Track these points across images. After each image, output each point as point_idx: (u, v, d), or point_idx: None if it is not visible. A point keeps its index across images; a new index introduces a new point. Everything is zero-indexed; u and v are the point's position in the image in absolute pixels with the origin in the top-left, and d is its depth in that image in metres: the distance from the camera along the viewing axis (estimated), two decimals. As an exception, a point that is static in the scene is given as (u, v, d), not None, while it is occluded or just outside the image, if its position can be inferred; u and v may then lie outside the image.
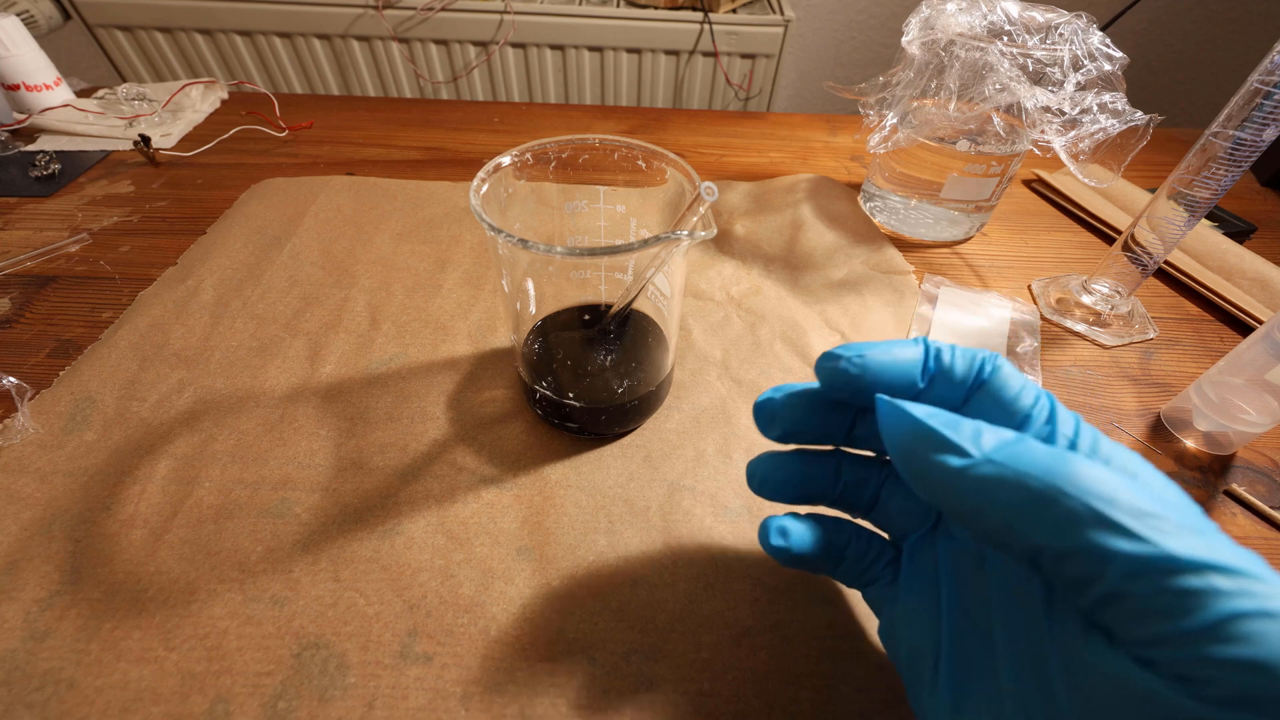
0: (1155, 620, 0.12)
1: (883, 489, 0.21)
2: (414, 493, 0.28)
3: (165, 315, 0.36)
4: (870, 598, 0.22)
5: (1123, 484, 0.13)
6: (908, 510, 0.21)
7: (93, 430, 0.29)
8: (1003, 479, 0.14)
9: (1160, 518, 0.13)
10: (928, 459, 0.15)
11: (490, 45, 1.00)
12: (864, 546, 0.21)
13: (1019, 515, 0.14)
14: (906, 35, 0.39)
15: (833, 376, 0.18)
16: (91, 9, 0.95)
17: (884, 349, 0.18)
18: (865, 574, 0.21)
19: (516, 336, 0.29)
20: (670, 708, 0.21)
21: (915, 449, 0.16)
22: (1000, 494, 0.14)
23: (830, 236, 0.44)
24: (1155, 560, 0.12)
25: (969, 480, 0.14)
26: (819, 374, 0.19)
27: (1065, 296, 0.40)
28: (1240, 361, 0.29)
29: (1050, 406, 0.17)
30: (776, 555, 0.21)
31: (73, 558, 0.25)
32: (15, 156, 0.50)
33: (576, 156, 0.27)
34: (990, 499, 0.14)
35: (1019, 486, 0.14)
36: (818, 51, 1.27)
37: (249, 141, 0.55)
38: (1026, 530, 0.14)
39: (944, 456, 0.15)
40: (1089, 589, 0.13)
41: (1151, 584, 0.12)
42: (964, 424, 0.15)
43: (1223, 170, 0.30)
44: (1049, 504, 0.13)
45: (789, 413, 0.20)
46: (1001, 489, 0.14)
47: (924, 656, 0.19)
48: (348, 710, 0.21)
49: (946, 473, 0.15)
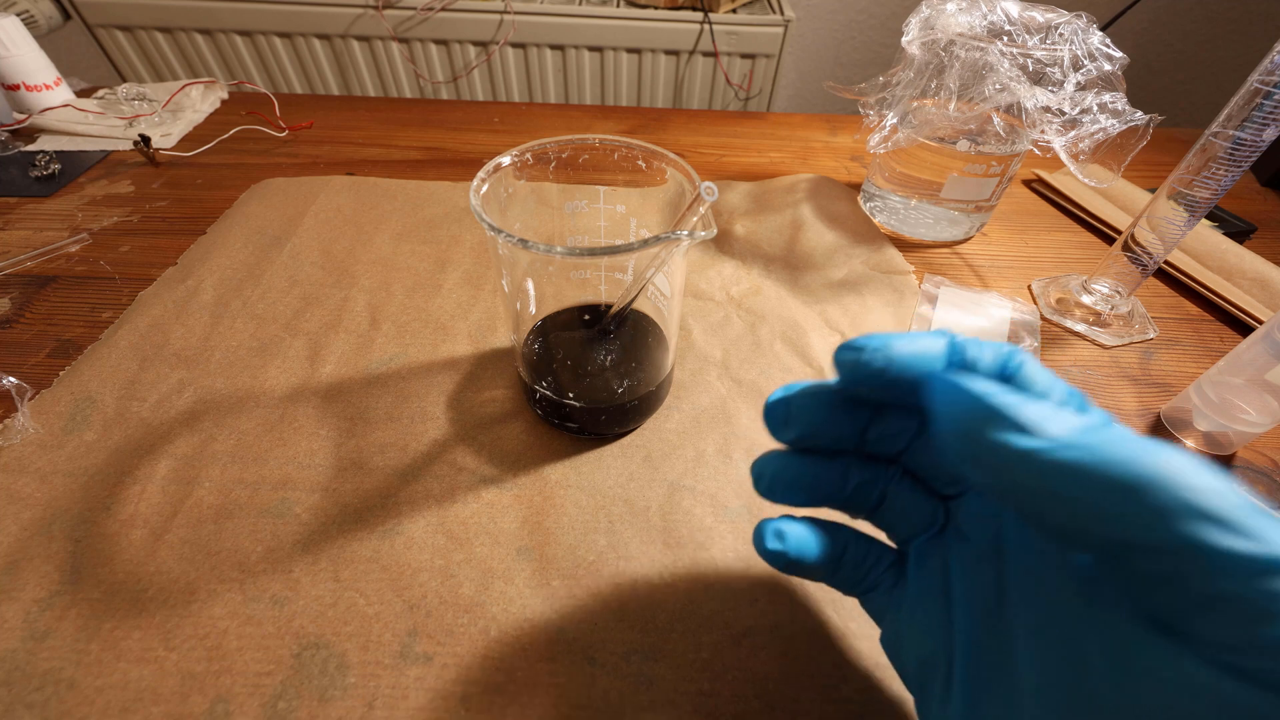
0: (1257, 623, 0.11)
1: (889, 490, 0.20)
2: (414, 493, 0.28)
3: (165, 315, 0.36)
4: (870, 606, 0.21)
5: (1220, 479, 0.12)
6: (915, 511, 0.20)
7: (93, 430, 0.29)
8: (1086, 465, 0.13)
9: (1264, 515, 0.12)
10: (994, 440, 0.14)
11: (490, 45, 1.00)
12: (862, 551, 0.21)
13: (1102, 505, 0.12)
14: (906, 35, 0.39)
15: (854, 370, 0.17)
16: (91, 9, 0.95)
17: (908, 340, 0.17)
18: (864, 580, 0.21)
19: (516, 336, 0.29)
20: (670, 708, 0.21)
21: (978, 428, 0.14)
22: (1081, 481, 0.13)
23: (830, 236, 0.44)
24: (1265, 559, 0.11)
25: (1044, 464, 0.13)
26: (840, 367, 0.18)
27: (1065, 296, 0.40)
28: (1240, 361, 0.29)
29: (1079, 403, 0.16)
30: (773, 560, 0.20)
31: (73, 558, 0.25)
32: (15, 156, 0.50)
33: (576, 156, 0.27)
34: (1069, 486, 0.13)
35: (1104, 474, 0.12)
36: (818, 51, 1.27)
37: (249, 141, 0.55)
38: (1110, 522, 0.12)
39: (1013, 437, 0.14)
40: (1176, 588, 0.12)
41: (1258, 585, 0.11)
42: (1032, 403, 0.14)
43: (1223, 170, 0.30)
44: (1141, 494, 0.12)
45: (805, 415, 0.19)
46: (1083, 476, 0.13)
47: (934, 665, 0.18)
48: (348, 710, 0.21)
49: (1015, 455, 0.13)
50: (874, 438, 0.20)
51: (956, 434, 0.15)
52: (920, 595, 0.19)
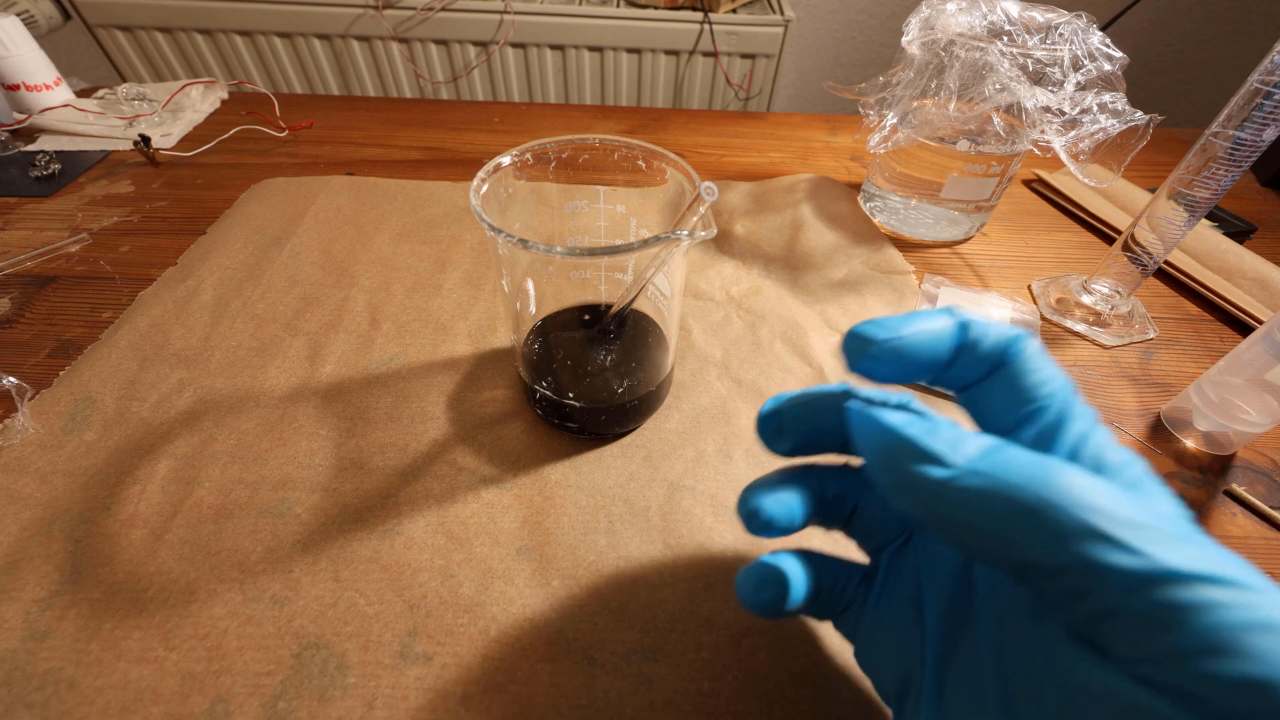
0: (1151, 635, 0.12)
1: (861, 496, 0.20)
2: (414, 493, 0.28)
3: (165, 315, 0.36)
4: (843, 626, 0.21)
5: (1114, 494, 0.13)
6: (885, 519, 0.20)
7: (93, 430, 0.29)
8: (989, 490, 0.13)
9: (1153, 529, 0.12)
10: (907, 470, 0.14)
11: (490, 45, 1.00)
12: (834, 575, 0.20)
13: (1007, 528, 0.13)
14: (906, 35, 0.39)
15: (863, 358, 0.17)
16: (91, 9, 0.95)
17: (915, 322, 0.16)
18: (837, 603, 0.20)
19: (516, 336, 0.29)
20: (670, 708, 0.21)
21: (893, 460, 0.15)
22: (987, 506, 0.13)
23: (830, 236, 0.44)
24: (1150, 574, 0.12)
25: (953, 492, 0.14)
26: (848, 354, 0.17)
27: (1065, 296, 0.40)
28: (1240, 361, 0.29)
29: (1066, 401, 0.16)
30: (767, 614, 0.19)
31: (73, 558, 0.25)
32: (15, 156, 0.50)
33: (576, 156, 0.27)
34: (977, 511, 0.13)
35: (1006, 498, 0.13)
36: (818, 51, 1.27)
37: (249, 141, 0.55)
38: (1016, 544, 0.13)
39: (924, 467, 0.14)
40: (1081, 604, 0.13)
41: (1146, 598, 0.12)
42: (942, 429, 0.15)
43: (1223, 170, 0.30)
44: (1038, 516, 0.13)
45: (797, 424, 0.19)
46: (988, 501, 0.13)
47: (908, 676, 0.18)
48: (348, 710, 0.21)
49: (928, 484, 0.14)
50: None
51: (876, 466, 0.16)
52: (891, 604, 0.19)
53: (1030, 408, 0.16)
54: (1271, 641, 0.11)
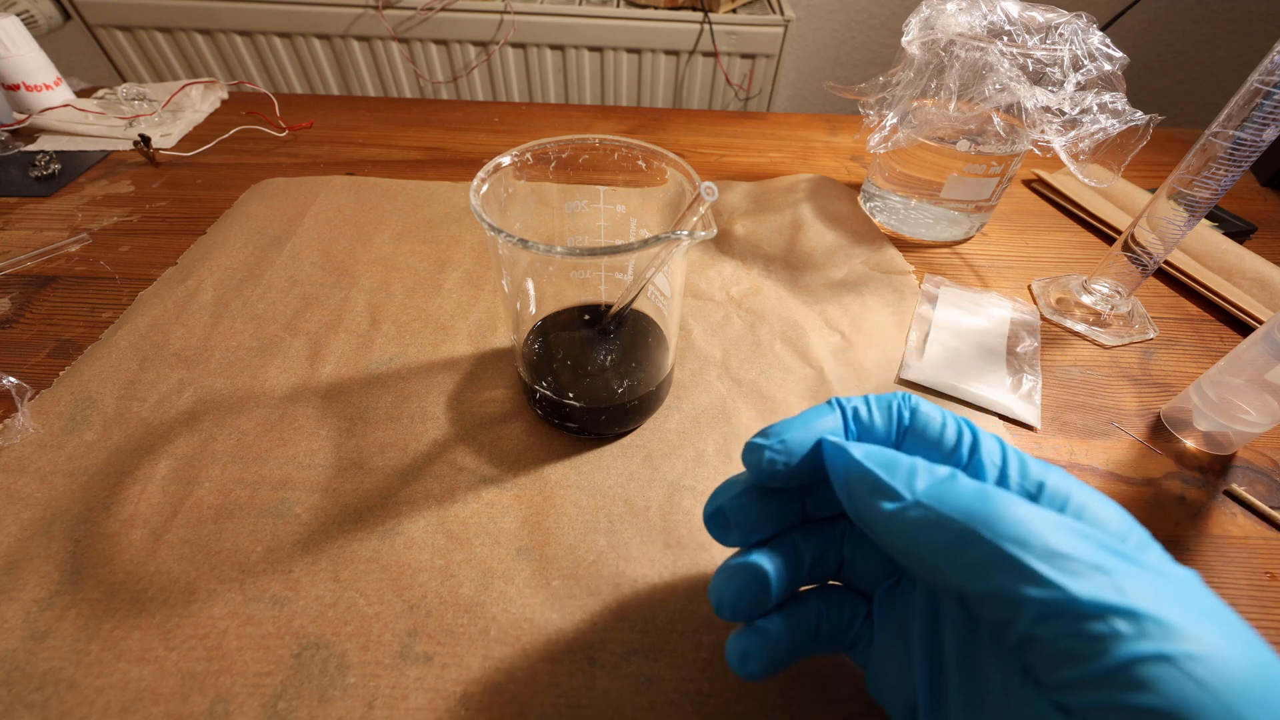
0: (1065, 665, 0.12)
1: (844, 546, 0.20)
2: (414, 493, 0.28)
3: (165, 315, 0.36)
4: (857, 659, 0.21)
5: (1042, 521, 0.13)
6: (873, 563, 0.20)
7: (93, 430, 0.29)
8: (927, 521, 0.14)
9: (1071, 559, 0.12)
10: (866, 502, 0.15)
11: (490, 45, 1.00)
12: (835, 616, 0.20)
13: (942, 558, 0.14)
14: (906, 35, 0.39)
15: (759, 470, 0.18)
16: (91, 9, 0.95)
17: (802, 424, 0.18)
18: (845, 638, 0.20)
19: (516, 336, 0.29)
20: (670, 708, 0.21)
21: (855, 491, 0.16)
22: (926, 537, 0.14)
23: (830, 236, 0.44)
24: (1061, 604, 0.12)
25: (900, 524, 0.14)
26: (749, 468, 0.18)
27: (1065, 296, 0.40)
28: (1240, 361, 0.29)
29: (973, 438, 0.17)
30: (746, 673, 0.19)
31: (73, 558, 0.25)
32: (15, 156, 0.50)
33: (576, 156, 0.27)
34: (918, 542, 0.14)
35: (942, 529, 0.14)
36: (818, 51, 1.27)
37: (249, 141, 0.55)
38: (948, 573, 0.14)
39: (879, 500, 0.15)
40: (1008, 631, 0.13)
41: (1059, 628, 0.12)
42: (900, 464, 0.15)
43: (1223, 170, 0.30)
44: (967, 547, 0.13)
45: (742, 515, 0.19)
46: (927, 531, 0.14)
47: (909, 707, 0.18)
48: (348, 710, 0.21)
49: (882, 516, 0.15)
50: (813, 508, 0.20)
51: (844, 497, 0.16)
52: (886, 642, 0.19)
53: (948, 455, 0.17)
54: (1164, 671, 0.11)
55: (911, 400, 0.18)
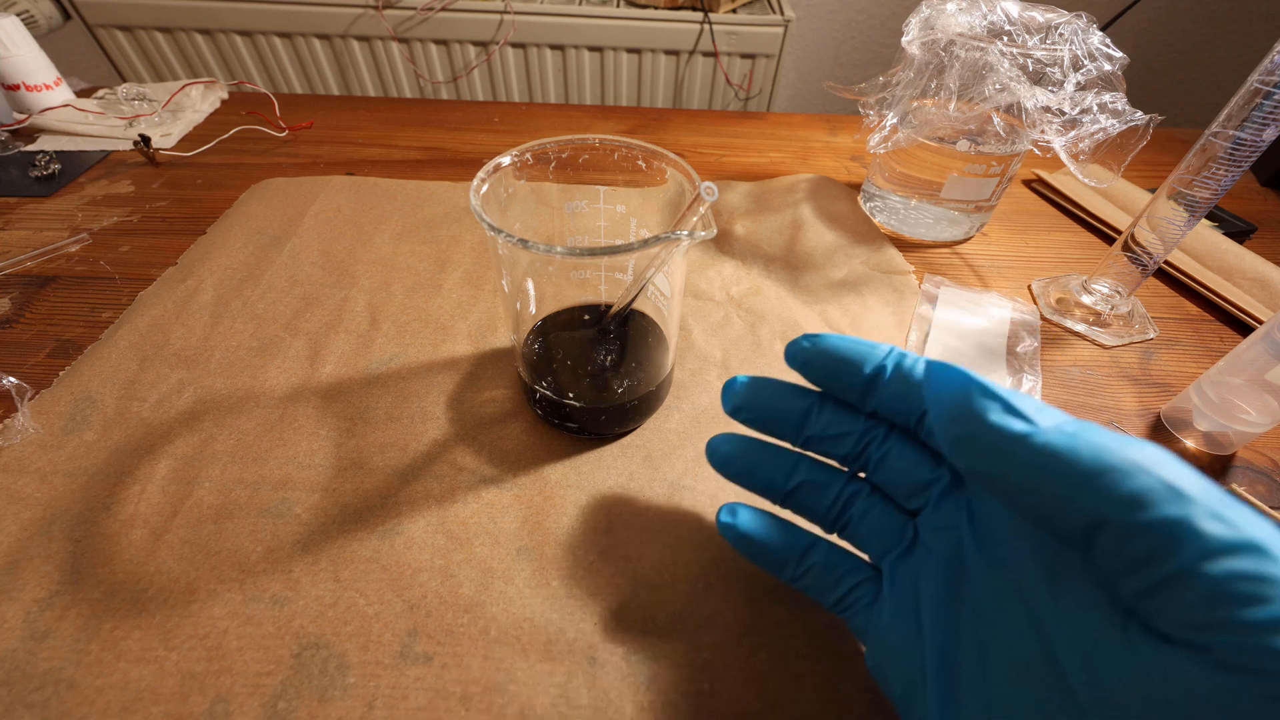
0: (1222, 606, 0.12)
1: (853, 506, 0.21)
2: (414, 493, 0.28)
3: (165, 315, 0.36)
4: (853, 625, 0.21)
5: (1191, 471, 0.13)
6: (884, 527, 0.21)
7: (93, 430, 0.29)
8: (1075, 450, 0.14)
9: (1237, 507, 0.12)
10: (987, 421, 0.15)
11: (490, 45, 1.00)
12: (833, 558, 0.21)
13: (1086, 487, 0.13)
14: (906, 35, 0.39)
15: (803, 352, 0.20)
16: (91, 9, 0.95)
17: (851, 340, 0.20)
18: (836, 589, 0.21)
19: (516, 336, 0.29)
20: (670, 708, 0.21)
21: (973, 410, 0.15)
22: (1068, 464, 0.14)
23: (830, 236, 0.44)
24: (1237, 544, 0.12)
25: (1032, 447, 0.14)
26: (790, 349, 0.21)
27: (1065, 296, 0.40)
28: (1240, 361, 0.29)
29: None
30: (725, 533, 0.23)
31: (73, 558, 0.25)
32: (15, 156, 0.50)
33: (576, 156, 0.27)
34: (1055, 468, 0.14)
35: (1093, 458, 0.13)
36: (818, 51, 1.27)
37: (249, 141, 0.55)
38: (1093, 503, 0.13)
39: (1008, 420, 0.15)
40: (1144, 570, 0.13)
41: (1227, 567, 0.12)
42: (1022, 395, 0.15)
43: (1223, 170, 0.30)
44: (1123, 477, 0.13)
45: (748, 391, 0.22)
46: (1071, 459, 0.14)
47: (913, 682, 0.18)
48: (348, 710, 0.21)
49: (1006, 437, 0.14)
50: (815, 435, 0.21)
51: (954, 417, 0.16)
52: (895, 611, 0.19)
53: None
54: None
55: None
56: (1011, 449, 0.14)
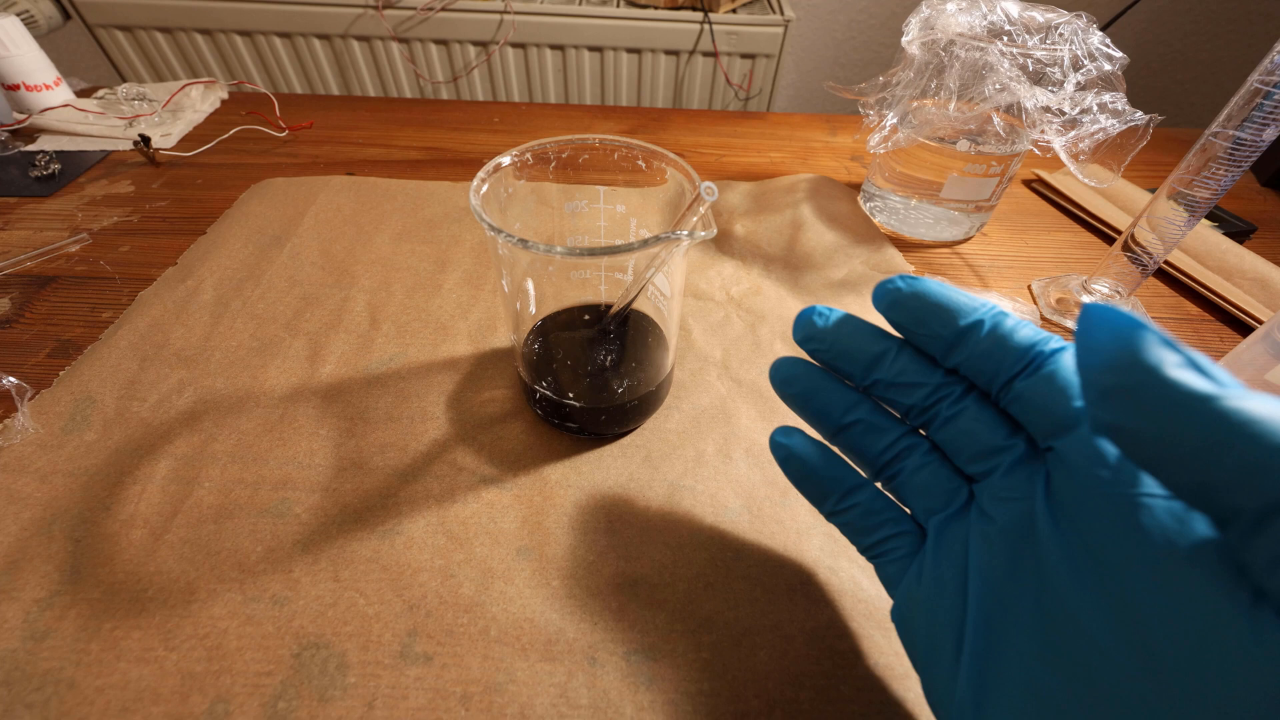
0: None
1: (908, 459, 0.21)
2: (414, 493, 0.28)
3: (165, 315, 0.36)
4: (883, 573, 0.21)
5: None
6: (936, 486, 0.20)
7: (93, 430, 0.29)
8: (1274, 422, 0.12)
9: None
10: (1159, 374, 0.13)
11: (490, 45, 1.00)
12: (878, 504, 0.21)
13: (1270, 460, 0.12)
14: (906, 35, 0.39)
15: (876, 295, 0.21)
16: (91, 9, 0.95)
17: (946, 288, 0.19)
18: (875, 534, 0.21)
19: (516, 336, 0.29)
20: (670, 708, 0.21)
21: (1140, 359, 0.13)
22: (1262, 436, 0.12)
23: (830, 236, 0.44)
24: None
25: (1218, 412, 0.12)
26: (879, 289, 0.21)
27: (1065, 296, 0.40)
28: (1240, 361, 0.29)
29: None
30: (776, 451, 0.23)
31: (73, 558, 0.25)
32: (15, 156, 0.50)
33: (576, 156, 0.27)
34: (1244, 438, 0.12)
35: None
36: (818, 51, 1.27)
37: (249, 141, 0.55)
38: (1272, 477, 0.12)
39: (1188, 377, 0.13)
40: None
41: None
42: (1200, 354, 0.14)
43: (1223, 170, 0.30)
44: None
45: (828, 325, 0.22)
46: (1267, 431, 0.12)
47: (943, 644, 0.18)
48: (348, 710, 0.21)
49: (1185, 395, 0.13)
50: (887, 378, 0.20)
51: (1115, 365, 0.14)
52: (937, 570, 0.19)
53: None
54: None
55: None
56: (1191, 410, 0.13)
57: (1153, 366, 0.13)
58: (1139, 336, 0.14)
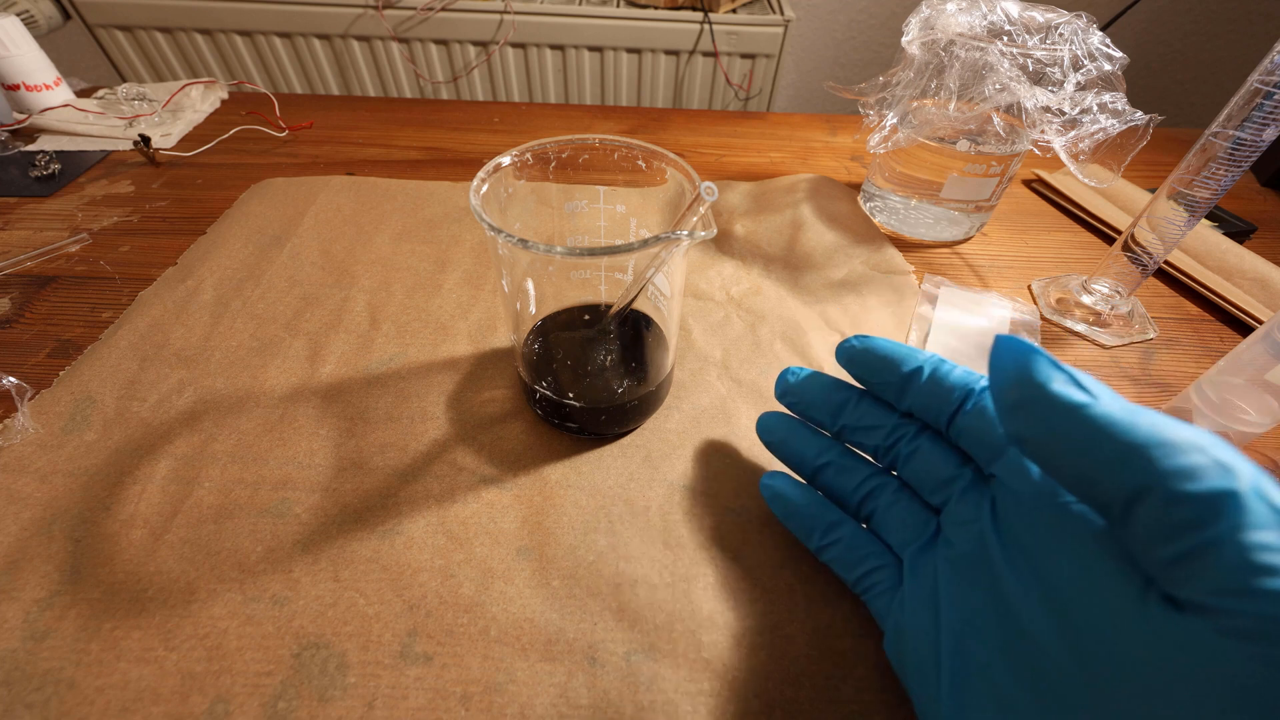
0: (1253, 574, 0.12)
1: (879, 496, 0.23)
2: (414, 493, 0.28)
3: (165, 315, 0.36)
4: (873, 608, 0.22)
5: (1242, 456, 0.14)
6: (908, 520, 0.22)
7: (93, 430, 0.29)
8: (1132, 423, 0.14)
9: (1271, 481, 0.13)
10: (1047, 390, 0.16)
11: (490, 45, 1.00)
12: (858, 539, 0.23)
13: (1139, 457, 0.14)
14: (906, 35, 0.39)
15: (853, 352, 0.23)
16: (91, 9, 0.95)
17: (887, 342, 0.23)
18: (858, 568, 0.22)
19: (516, 336, 0.29)
20: (670, 708, 0.21)
21: (1033, 378, 0.16)
22: (1123, 434, 0.14)
23: (830, 236, 0.44)
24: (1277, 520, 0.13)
25: (1090, 416, 0.15)
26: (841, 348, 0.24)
27: (1065, 296, 0.40)
28: (1240, 361, 0.29)
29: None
30: (764, 492, 0.26)
31: (73, 558, 0.25)
32: (15, 156, 0.50)
33: (576, 156, 0.27)
34: (1110, 436, 0.14)
35: (1149, 432, 0.14)
36: (818, 51, 1.27)
37: (249, 141, 0.55)
38: (1143, 472, 0.14)
39: (1068, 389, 0.15)
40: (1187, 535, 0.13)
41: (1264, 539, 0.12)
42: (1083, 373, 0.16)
43: (1223, 170, 0.30)
44: (1178, 452, 0.13)
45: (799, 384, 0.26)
46: (1127, 430, 0.14)
47: (927, 670, 0.19)
48: (348, 710, 0.21)
49: (1065, 406, 0.15)
50: (850, 424, 0.23)
51: (1015, 383, 0.16)
52: (914, 601, 0.20)
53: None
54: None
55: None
56: (1069, 416, 0.15)
57: (1040, 383, 0.16)
58: (1032, 359, 0.16)
